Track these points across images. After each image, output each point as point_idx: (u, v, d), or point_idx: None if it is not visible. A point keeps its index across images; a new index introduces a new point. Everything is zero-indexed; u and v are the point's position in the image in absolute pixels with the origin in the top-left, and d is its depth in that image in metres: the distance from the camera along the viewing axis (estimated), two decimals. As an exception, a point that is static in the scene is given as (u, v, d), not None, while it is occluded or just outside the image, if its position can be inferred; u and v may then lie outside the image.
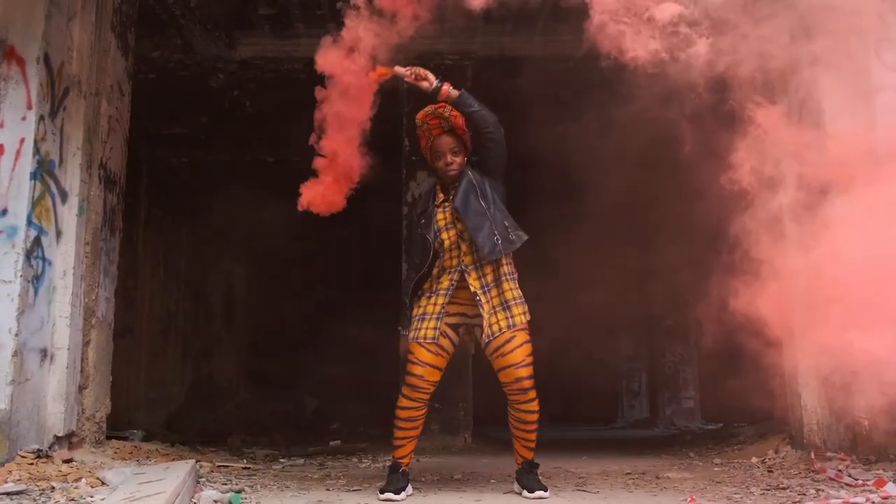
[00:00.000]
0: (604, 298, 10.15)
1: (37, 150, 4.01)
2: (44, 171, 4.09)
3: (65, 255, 4.28)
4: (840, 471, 3.68)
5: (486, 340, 3.55)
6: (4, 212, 3.88)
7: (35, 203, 3.99)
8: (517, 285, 3.67)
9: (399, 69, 3.66)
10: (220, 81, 7.63)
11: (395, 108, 6.99)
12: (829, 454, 4.17)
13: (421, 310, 3.67)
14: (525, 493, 3.56)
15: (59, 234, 4.26)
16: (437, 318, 3.60)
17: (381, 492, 3.52)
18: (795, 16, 3.91)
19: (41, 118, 4.05)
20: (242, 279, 13.60)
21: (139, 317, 9.27)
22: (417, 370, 3.58)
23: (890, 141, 3.96)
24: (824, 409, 4.40)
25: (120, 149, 5.00)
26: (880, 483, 3.24)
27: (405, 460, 3.65)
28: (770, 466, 4.32)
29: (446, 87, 3.61)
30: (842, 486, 3.40)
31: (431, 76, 3.64)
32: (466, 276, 3.62)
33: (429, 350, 3.59)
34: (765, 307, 4.01)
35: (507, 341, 3.54)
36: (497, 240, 3.57)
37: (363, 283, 12.77)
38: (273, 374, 13.69)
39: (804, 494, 3.30)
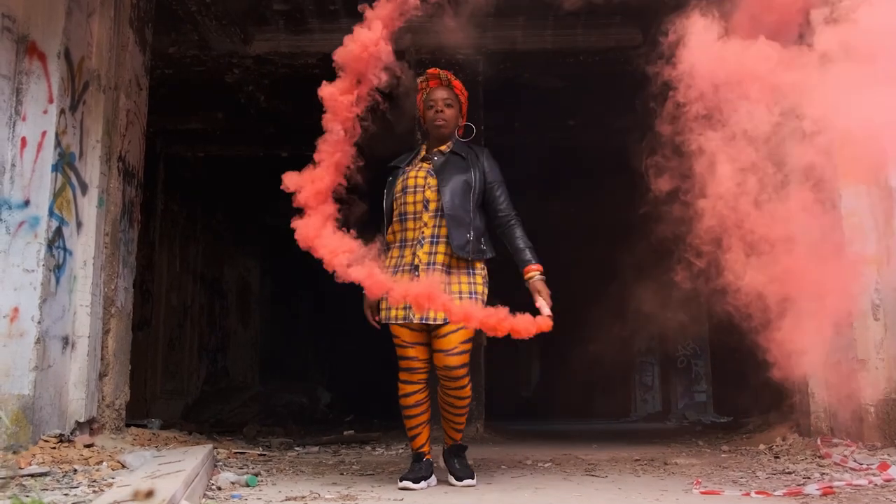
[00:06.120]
0: (616, 292, 10.18)
1: (58, 143, 4.10)
2: (64, 163, 4.19)
3: (85, 246, 4.38)
4: (845, 456, 3.73)
5: (419, 319, 3.33)
6: (27, 203, 3.96)
7: (56, 194, 4.09)
8: (481, 290, 3.40)
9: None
10: (236, 77, 7.72)
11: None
12: (835, 440, 4.22)
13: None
14: (453, 480, 3.45)
15: (79, 224, 4.36)
16: None
17: (401, 479, 3.35)
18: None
19: (62, 112, 4.14)
20: (257, 273, 13.72)
21: (156, 309, 9.39)
22: (408, 352, 3.41)
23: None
24: (831, 396, 4.45)
25: (138, 142, 5.10)
26: (884, 467, 3.28)
27: (425, 448, 3.47)
28: (777, 453, 4.36)
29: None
30: (846, 471, 3.45)
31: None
32: (419, 247, 3.40)
33: (409, 328, 3.39)
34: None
35: (445, 324, 3.30)
36: (470, 237, 3.38)
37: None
38: (287, 367, 13.83)
39: (808, 478, 3.34)
